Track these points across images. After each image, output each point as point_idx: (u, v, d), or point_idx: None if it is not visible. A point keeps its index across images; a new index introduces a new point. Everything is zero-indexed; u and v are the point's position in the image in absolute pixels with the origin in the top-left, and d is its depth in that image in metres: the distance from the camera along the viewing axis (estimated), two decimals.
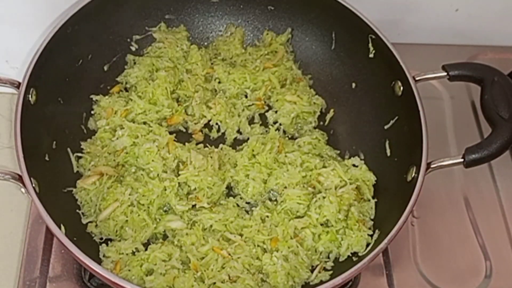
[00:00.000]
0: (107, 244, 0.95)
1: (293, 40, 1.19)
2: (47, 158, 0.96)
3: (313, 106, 1.14)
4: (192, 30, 1.19)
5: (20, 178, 0.86)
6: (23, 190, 0.87)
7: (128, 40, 1.14)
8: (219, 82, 1.15)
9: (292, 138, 1.12)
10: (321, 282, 0.90)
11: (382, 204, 1.01)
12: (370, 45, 1.07)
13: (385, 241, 0.88)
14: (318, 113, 1.14)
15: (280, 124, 1.13)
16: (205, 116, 1.11)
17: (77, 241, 0.83)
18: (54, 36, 0.98)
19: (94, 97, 1.08)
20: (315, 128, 1.13)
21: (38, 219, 1.03)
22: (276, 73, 1.15)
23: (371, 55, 1.07)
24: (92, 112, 1.08)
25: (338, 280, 0.84)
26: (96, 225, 0.97)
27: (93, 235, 0.97)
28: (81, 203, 0.99)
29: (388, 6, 1.25)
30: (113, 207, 0.96)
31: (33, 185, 0.86)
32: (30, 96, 0.94)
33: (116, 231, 0.97)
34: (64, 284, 0.97)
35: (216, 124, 1.12)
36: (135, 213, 0.97)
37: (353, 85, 1.14)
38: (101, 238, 0.97)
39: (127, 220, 0.97)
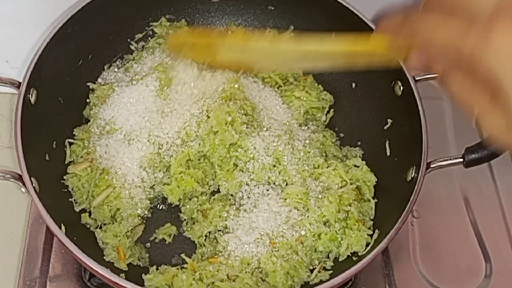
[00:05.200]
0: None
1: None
2: (47, 158, 0.96)
3: (321, 102, 1.13)
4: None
5: (20, 178, 0.86)
6: (23, 189, 0.87)
7: (128, 40, 1.14)
8: None
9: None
10: (321, 282, 0.90)
11: (382, 204, 1.01)
12: None
13: (385, 240, 0.88)
14: (327, 109, 1.13)
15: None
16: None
17: (77, 241, 0.83)
18: (54, 36, 0.98)
19: (91, 85, 1.08)
20: (324, 126, 1.13)
21: (38, 219, 1.03)
22: (276, 73, 1.15)
23: None
24: (88, 100, 1.08)
25: (338, 279, 0.84)
26: (90, 214, 0.97)
27: (88, 226, 0.97)
28: (72, 189, 0.99)
29: (388, 6, 1.25)
30: (106, 193, 0.96)
31: (33, 184, 0.86)
32: (30, 96, 0.94)
33: (111, 216, 0.97)
34: (64, 284, 0.97)
35: None
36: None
37: (353, 85, 1.13)
38: (98, 227, 0.97)
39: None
